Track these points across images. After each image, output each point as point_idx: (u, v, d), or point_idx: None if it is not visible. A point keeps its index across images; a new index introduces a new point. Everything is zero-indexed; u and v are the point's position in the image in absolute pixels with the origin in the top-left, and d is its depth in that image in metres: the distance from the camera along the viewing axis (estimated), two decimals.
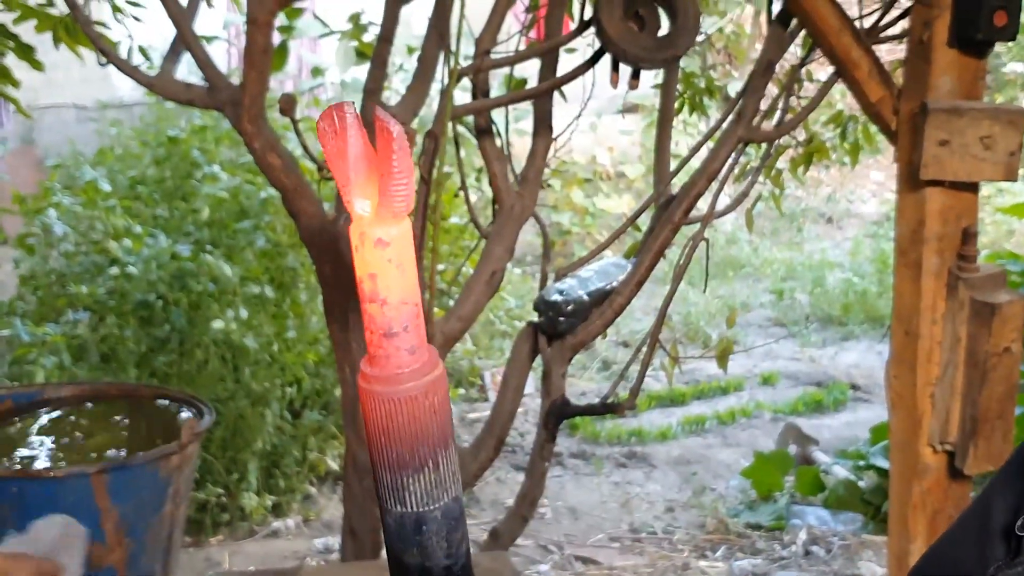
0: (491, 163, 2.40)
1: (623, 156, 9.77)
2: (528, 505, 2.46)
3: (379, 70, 2.51)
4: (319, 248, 2.43)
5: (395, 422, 0.64)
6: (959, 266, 2.40)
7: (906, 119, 2.38)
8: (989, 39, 2.24)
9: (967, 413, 2.42)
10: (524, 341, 2.41)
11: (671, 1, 2.00)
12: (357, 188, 0.63)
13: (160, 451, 2.29)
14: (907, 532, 2.59)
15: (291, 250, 5.15)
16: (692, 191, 2.23)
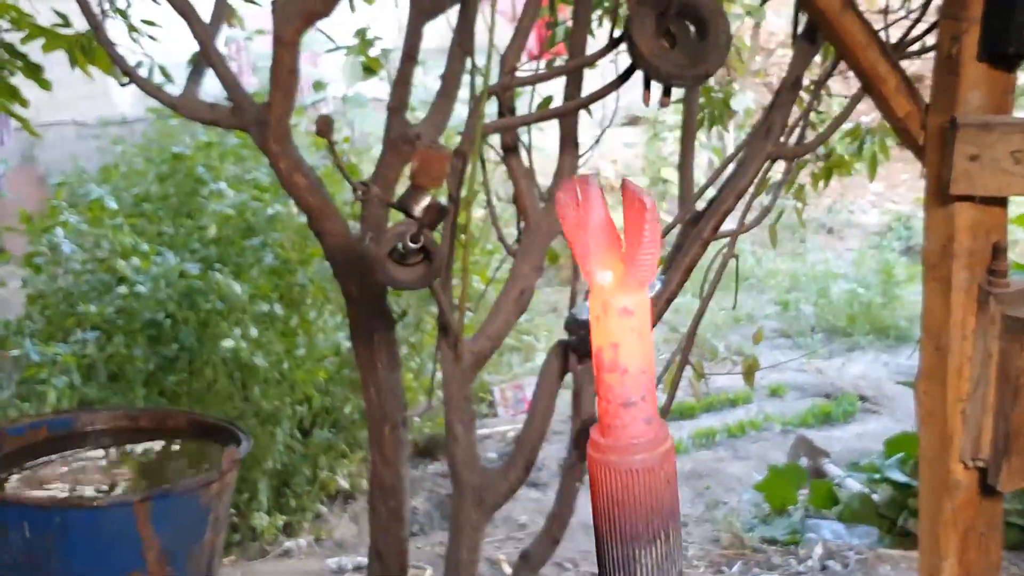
0: (518, 181, 2.39)
1: (626, 169, 9.78)
2: (559, 526, 2.45)
3: (403, 88, 2.49)
4: (345, 268, 2.42)
5: (631, 493, 0.62)
6: (989, 281, 2.38)
7: (934, 134, 2.36)
8: (1020, 52, 2.22)
9: (999, 429, 2.39)
10: (554, 360, 2.39)
11: (701, 18, 1.99)
12: (598, 258, 0.60)
13: (202, 479, 2.27)
14: (938, 549, 2.56)
15: (300, 267, 5.13)
16: (721, 207, 2.21)
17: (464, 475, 2.40)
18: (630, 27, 1.94)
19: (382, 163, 2.46)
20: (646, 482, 0.59)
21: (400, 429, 2.52)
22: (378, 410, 2.49)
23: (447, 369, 2.37)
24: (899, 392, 6.76)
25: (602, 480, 0.61)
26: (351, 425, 5.24)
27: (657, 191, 9.64)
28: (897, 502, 4.92)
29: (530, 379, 6.73)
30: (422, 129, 2.45)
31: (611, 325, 0.58)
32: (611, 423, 0.59)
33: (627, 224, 0.58)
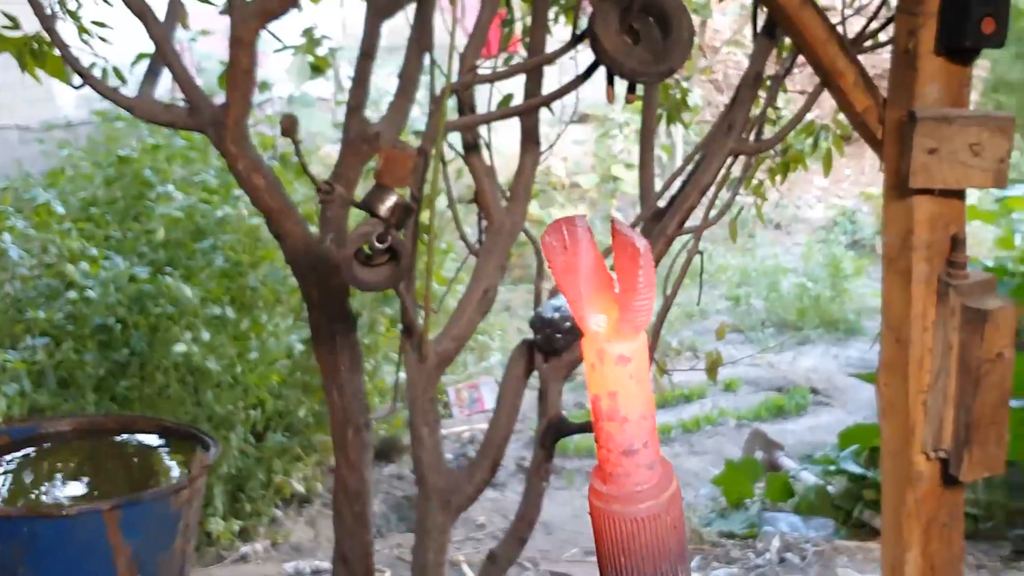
0: (480, 179, 2.37)
1: (576, 166, 9.79)
2: (526, 526, 2.43)
3: (361, 86, 2.47)
4: (305, 270, 2.39)
5: (637, 542, 0.60)
6: (949, 273, 2.40)
7: (893, 128, 2.38)
8: (976, 46, 2.23)
9: (961, 420, 2.41)
10: (519, 359, 2.38)
11: (664, 15, 1.98)
12: (590, 303, 0.57)
13: (171, 485, 2.24)
14: (901, 541, 2.58)
15: (251, 269, 5.09)
16: (685, 204, 2.21)
17: (430, 477, 2.38)
18: (593, 23, 1.93)
19: (342, 163, 2.44)
20: (652, 529, 0.57)
21: (363, 432, 2.49)
22: (341, 413, 2.46)
23: (411, 371, 2.35)
24: (850, 384, 6.83)
25: (606, 529, 0.59)
26: (305, 428, 5.20)
27: (608, 189, 9.66)
28: (852, 494, 4.96)
29: (485, 379, 6.71)
30: (381, 128, 2.43)
31: (608, 373, 0.56)
32: (612, 471, 0.57)
33: (619, 270, 0.55)
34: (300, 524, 4.97)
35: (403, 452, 5.92)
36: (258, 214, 4.98)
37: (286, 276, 5.13)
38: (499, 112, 2.35)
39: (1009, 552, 4.55)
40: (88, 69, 2.35)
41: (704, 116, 11.87)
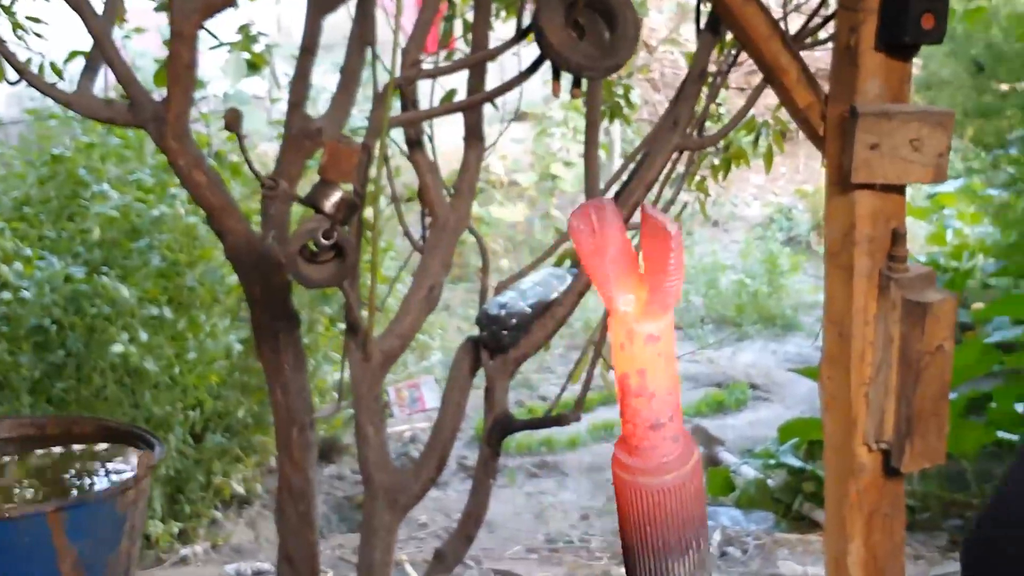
0: (423, 175, 2.36)
1: (515, 164, 9.79)
2: (473, 523, 2.43)
3: (302, 82, 2.44)
4: (247, 268, 2.36)
5: (663, 511, 0.62)
6: (890, 267, 2.42)
7: (834, 124, 2.39)
8: (916, 42, 2.25)
9: (902, 412, 2.43)
10: (465, 356, 2.37)
11: (610, 10, 1.98)
12: (618, 285, 0.57)
13: (117, 486, 2.20)
14: (844, 533, 2.60)
15: (188, 269, 5.03)
16: (631, 200, 2.21)
17: (376, 476, 2.36)
18: (539, 18, 1.92)
19: (283, 159, 2.41)
20: (678, 498, 0.59)
21: (308, 431, 2.47)
22: (285, 412, 2.44)
23: (356, 369, 2.33)
24: (788, 379, 6.90)
25: (633, 500, 0.61)
26: (244, 429, 5.16)
27: (546, 187, 9.67)
28: (792, 487, 5.01)
29: (426, 378, 6.68)
30: (323, 124, 2.41)
31: (637, 352, 0.57)
32: (639, 445, 0.59)
33: (650, 253, 0.55)
34: (240, 525, 4.93)
35: (343, 452, 5.89)
36: (195, 212, 4.93)
37: (224, 275, 5.08)
38: (444, 107, 2.34)
39: (945, 542, 4.62)
40: (25, 65, 2.30)
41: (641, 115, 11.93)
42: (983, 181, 7.05)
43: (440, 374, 6.69)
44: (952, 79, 5.81)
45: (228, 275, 5.02)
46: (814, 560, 4.36)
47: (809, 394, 6.50)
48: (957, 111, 2.48)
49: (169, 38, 2.12)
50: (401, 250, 6.24)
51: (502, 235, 8.87)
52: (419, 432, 6.26)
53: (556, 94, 2.01)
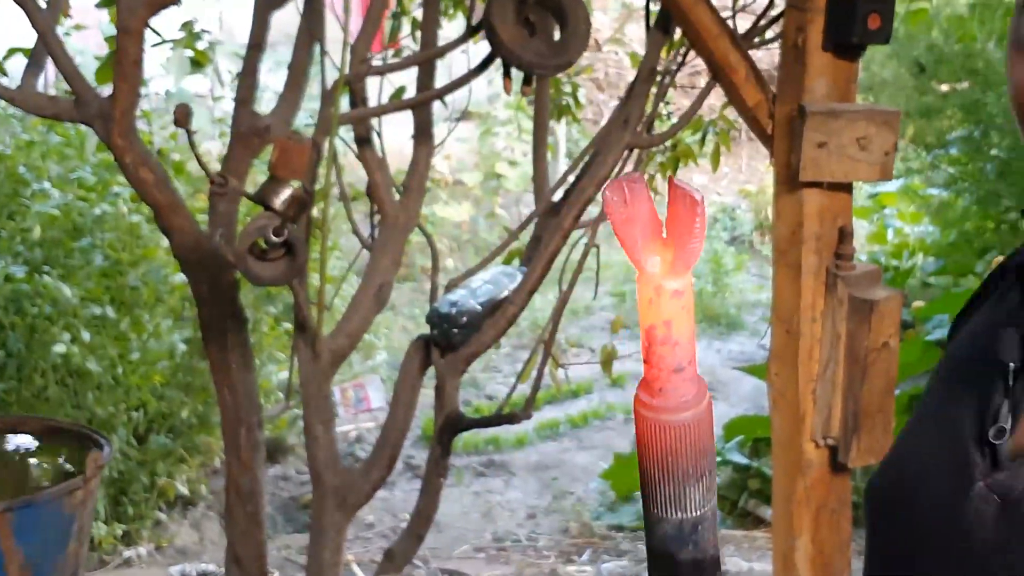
0: (373, 173, 2.34)
1: (460, 164, 9.77)
2: (424, 522, 2.42)
3: (250, 79, 2.42)
4: (194, 266, 2.33)
5: (683, 443, 0.73)
6: (837, 264, 2.44)
7: (782, 122, 2.41)
8: (863, 42, 2.28)
9: (849, 408, 2.46)
10: (415, 355, 2.36)
11: (561, 7, 1.98)
12: (647, 248, 0.69)
13: (65, 487, 2.16)
14: (792, 528, 2.63)
15: (131, 268, 4.97)
16: (582, 197, 2.22)
17: (325, 476, 2.34)
18: (490, 15, 1.92)
19: (231, 156, 2.38)
20: (695, 432, 0.72)
21: (256, 431, 2.44)
22: (233, 412, 2.41)
23: (305, 368, 2.31)
24: (733, 377, 6.94)
25: (656, 436, 0.73)
26: (188, 430, 5.10)
27: (491, 186, 9.66)
28: (737, 484, 5.04)
29: (371, 378, 6.66)
30: (271, 121, 2.38)
31: (664, 305, 0.69)
32: (663, 387, 0.71)
33: (676, 218, 0.68)
34: (185, 527, 4.87)
35: (289, 453, 5.85)
36: (139, 211, 4.87)
37: (167, 275, 5.03)
38: (394, 105, 2.33)
39: None
40: None
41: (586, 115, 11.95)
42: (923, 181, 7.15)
43: (386, 374, 6.66)
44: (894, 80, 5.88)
45: (172, 274, 4.97)
46: (760, 556, 4.39)
47: (753, 392, 6.55)
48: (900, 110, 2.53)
49: (115, 34, 2.09)
50: (347, 249, 6.21)
51: (447, 234, 8.86)
52: (365, 432, 6.23)
53: (507, 91, 2.01)
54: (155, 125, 5.69)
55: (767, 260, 8.40)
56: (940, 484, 0.91)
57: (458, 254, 8.89)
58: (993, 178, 5.40)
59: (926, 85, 5.59)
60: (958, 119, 5.60)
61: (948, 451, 0.91)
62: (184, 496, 4.98)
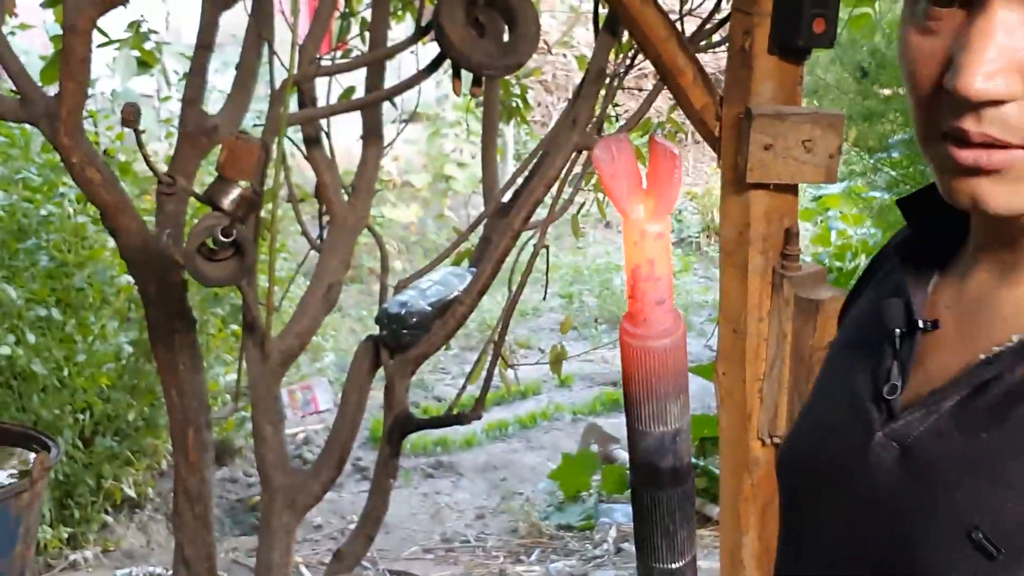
0: (321, 173, 2.34)
1: (408, 165, 9.75)
2: (373, 523, 2.42)
3: (198, 78, 2.41)
4: (142, 266, 2.32)
5: (664, 365, 0.84)
6: (783, 265, 2.47)
7: (729, 125, 2.44)
8: (808, 45, 2.31)
9: (794, 406, 2.49)
10: (364, 355, 2.36)
11: (510, 8, 1.99)
12: (631, 198, 0.79)
13: (11, 488, 2.14)
14: (739, 525, 2.65)
15: (77, 269, 4.92)
16: (531, 198, 2.23)
17: (275, 477, 2.34)
18: (439, 15, 1.93)
19: (179, 156, 2.37)
20: (674, 356, 0.83)
21: (204, 432, 2.43)
22: (181, 414, 2.40)
23: (254, 369, 2.31)
24: None
25: (640, 361, 0.85)
26: (135, 432, 5.06)
27: (440, 188, 9.66)
28: None
29: (319, 379, 6.63)
30: (220, 121, 2.38)
31: (647, 246, 0.80)
32: (647, 318, 0.83)
33: (657, 170, 0.79)
34: (131, 530, 4.83)
35: (237, 455, 5.82)
36: (85, 212, 4.83)
37: (113, 276, 4.98)
38: (343, 105, 2.33)
39: None
40: None
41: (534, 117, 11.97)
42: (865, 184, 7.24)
43: (333, 375, 6.64)
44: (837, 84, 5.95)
45: (118, 276, 4.93)
46: (706, 554, 4.43)
47: (699, 392, 6.59)
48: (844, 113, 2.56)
49: (61, 33, 2.07)
50: (295, 250, 6.18)
51: (396, 236, 8.84)
52: (312, 434, 6.21)
53: (457, 92, 2.02)
54: (102, 126, 5.63)
55: (713, 262, 8.48)
56: (843, 440, 1.01)
57: (407, 255, 8.88)
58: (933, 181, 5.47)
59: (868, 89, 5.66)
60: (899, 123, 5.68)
61: (848, 411, 1.02)
62: (131, 498, 4.93)
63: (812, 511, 1.05)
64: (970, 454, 0.89)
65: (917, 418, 0.94)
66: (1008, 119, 0.84)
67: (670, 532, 0.90)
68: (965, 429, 0.90)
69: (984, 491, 0.87)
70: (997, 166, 0.85)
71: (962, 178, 0.88)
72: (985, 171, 0.86)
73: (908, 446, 0.94)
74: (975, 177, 0.87)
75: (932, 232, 1.05)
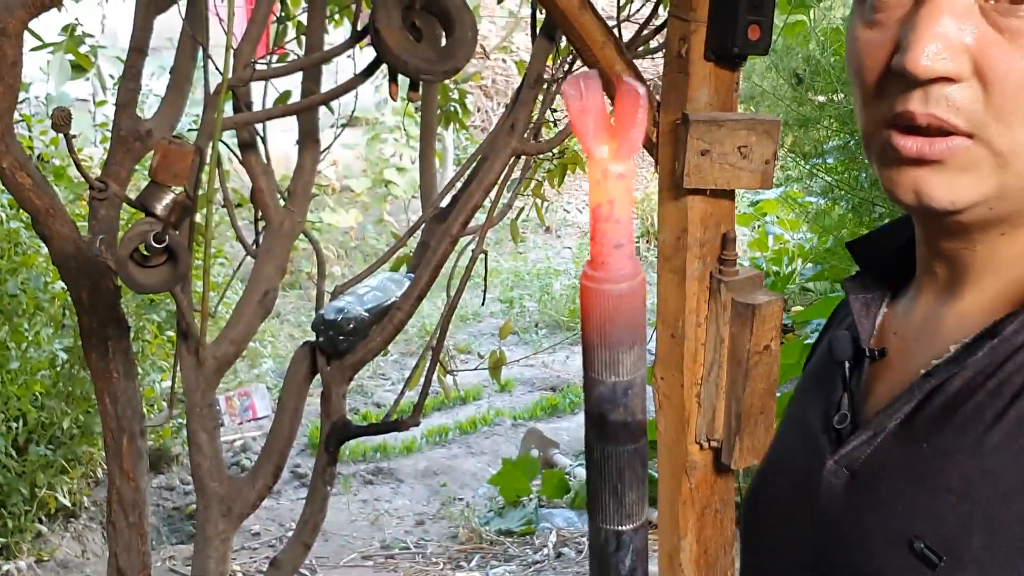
0: (256, 178, 2.32)
1: (347, 170, 9.71)
2: (311, 531, 2.40)
3: (132, 82, 2.37)
4: (74, 273, 2.28)
5: (619, 311, 0.82)
6: (720, 270, 2.49)
7: (666, 131, 2.45)
8: (744, 52, 2.33)
9: (732, 410, 2.51)
10: (301, 362, 2.34)
11: (447, 13, 1.99)
12: (596, 137, 0.78)
13: None
14: (677, 528, 2.67)
15: (10, 276, 4.84)
16: (470, 203, 2.22)
17: (210, 485, 2.31)
18: (376, 20, 1.92)
19: (111, 160, 2.34)
20: (630, 303, 0.82)
21: (139, 440, 2.40)
22: (115, 421, 2.36)
23: (188, 376, 2.28)
24: None
25: (597, 304, 0.84)
26: (70, 440, 4.99)
27: (379, 193, 9.63)
28: None
29: (256, 386, 6.58)
30: (153, 125, 2.34)
31: (609, 186, 0.80)
32: (606, 260, 0.82)
33: (622, 110, 0.78)
34: (66, 539, 4.76)
35: (173, 462, 5.75)
36: (17, 217, 4.75)
37: (47, 282, 4.91)
38: (279, 109, 2.30)
39: None
40: None
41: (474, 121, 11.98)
42: (801, 189, 7.32)
43: (271, 382, 6.59)
44: (773, 91, 6.01)
45: (52, 282, 4.86)
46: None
47: None
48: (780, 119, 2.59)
49: None
50: (232, 255, 6.13)
51: (334, 241, 8.80)
52: (250, 441, 6.16)
53: (394, 97, 2.01)
54: (36, 130, 5.56)
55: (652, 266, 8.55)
56: (796, 473, 1.03)
57: (345, 261, 8.84)
58: (867, 186, 5.55)
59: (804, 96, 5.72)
60: (834, 129, 5.75)
61: (802, 445, 1.04)
62: (65, 507, 4.86)
63: (770, 548, 1.06)
64: (912, 465, 0.90)
65: (864, 441, 0.95)
66: (955, 100, 0.85)
67: (618, 492, 0.88)
68: (908, 443, 0.91)
69: (925, 499, 0.88)
70: (939, 156, 0.86)
71: (905, 169, 0.88)
72: (927, 161, 0.87)
73: (856, 470, 0.95)
74: (918, 168, 0.87)
75: (880, 271, 1.07)
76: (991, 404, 0.86)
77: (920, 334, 0.99)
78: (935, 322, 0.97)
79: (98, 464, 5.04)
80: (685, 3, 2.31)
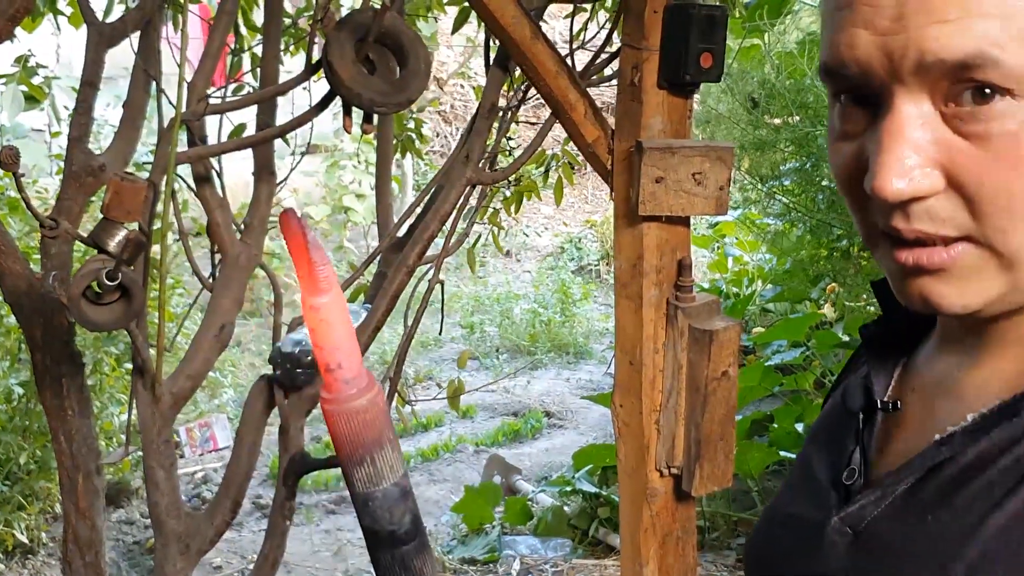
0: (212, 212, 2.30)
1: (307, 197, 9.69)
2: (270, 567, 2.37)
3: (84, 116, 2.36)
4: (27, 311, 2.26)
5: (342, 431, 0.89)
6: (677, 296, 2.50)
7: (621, 158, 2.46)
8: (696, 80, 2.34)
9: (691, 437, 2.51)
10: (258, 396, 2.32)
11: (400, 45, 1.99)
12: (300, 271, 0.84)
13: None
14: (639, 556, 2.67)
15: None
16: (426, 233, 2.22)
17: (167, 522, 2.28)
18: (329, 53, 1.91)
19: (64, 195, 2.32)
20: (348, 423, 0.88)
21: (94, 478, 2.37)
22: (70, 459, 2.34)
23: (144, 412, 2.25)
24: (581, 406, 7.03)
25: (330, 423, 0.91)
26: (27, 476, 4.93)
27: (339, 220, 9.60)
28: (587, 513, 5.09)
29: (217, 417, 6.53)
30: (107, 159, 2.33)
31: (308, 317, 0.87)
32: (328, 381, 0.90)
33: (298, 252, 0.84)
34: None
35: (132, 496, 5.69)
36: None
37: (2, 317, 4.86)
38: (234, 143, 2.29)
39: (733, 560, 4.78)
40: None
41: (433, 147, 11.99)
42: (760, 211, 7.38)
43: (232, 412, 6.55)
44: (729, 115, 6.05)
45: (6, 316, 4.80)
46: None
47: (602, 420, 6.64)
48: (734, 145, 2.61)
49: None
50: (190, 285, 6.09)
51: (294, 269, 8.78)
52: (211, 472, 6.10)
53: (348, 130, 2.00)
54: None
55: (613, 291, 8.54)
56: (801, 528, 1.00)
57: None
58: (824, 208, 5.59)
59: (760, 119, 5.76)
60: (791, 152, 5.79)
61: (809, 498, 1.02)
62: (23, 544, 4.80)
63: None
64: (917, 539, 0.87)
65: (871, 502, 0.92)
66: (937, 212, 0.82)
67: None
68: (914, 513, 0.89)
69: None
70: (939, 265, 0.83)
71: (910, 279, 0.85)
72: (929, 271, 0.84)
73: (860, 531, 0.92)
74: (921, 277, 0.84)
75: (902, 318, 1.02)
76: (1001, 482, 0.83)
77: (938, 395, 0.96)
78: (955, 385, 0.94)
79: (56, 500, 4.98)
80: (637, 32, 2.32)
